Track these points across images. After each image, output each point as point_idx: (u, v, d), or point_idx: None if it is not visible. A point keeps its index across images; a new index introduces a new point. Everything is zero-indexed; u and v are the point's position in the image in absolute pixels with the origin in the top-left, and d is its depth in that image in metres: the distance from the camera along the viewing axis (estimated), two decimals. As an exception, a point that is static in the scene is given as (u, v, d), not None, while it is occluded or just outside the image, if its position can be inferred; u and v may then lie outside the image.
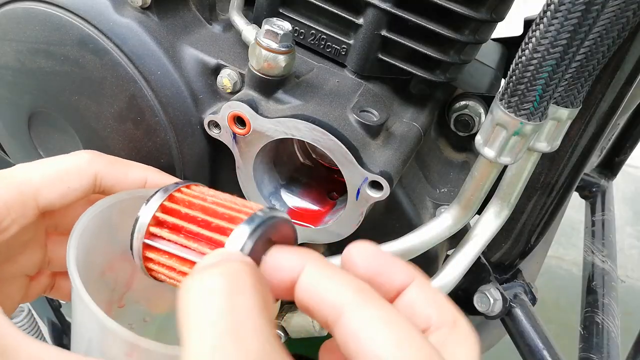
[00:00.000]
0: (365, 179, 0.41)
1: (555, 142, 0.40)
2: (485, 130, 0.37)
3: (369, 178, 0.40)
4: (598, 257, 0.79)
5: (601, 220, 0.90)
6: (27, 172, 0.36)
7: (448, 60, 0.46)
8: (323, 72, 0.48)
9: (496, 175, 0.40)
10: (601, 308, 0.69)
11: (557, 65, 0.31)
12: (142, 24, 0.45)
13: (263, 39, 0.41)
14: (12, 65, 0.49)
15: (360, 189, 0.41)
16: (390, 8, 0.44)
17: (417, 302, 0.26)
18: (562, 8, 0.29)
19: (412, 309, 0.26)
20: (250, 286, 0.23)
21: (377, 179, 0.40)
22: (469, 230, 0.46)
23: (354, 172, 0.41)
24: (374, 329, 0.23)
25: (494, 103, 0.36)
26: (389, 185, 0.40)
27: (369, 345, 0.23)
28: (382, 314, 0.23)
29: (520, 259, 0.58)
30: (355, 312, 0.24)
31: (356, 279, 0.25)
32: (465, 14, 0.43)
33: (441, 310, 0.26)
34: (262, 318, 0.22)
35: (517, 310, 0.58)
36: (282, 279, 0.26)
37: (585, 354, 0.62)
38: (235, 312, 0.22)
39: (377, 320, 0.23)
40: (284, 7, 0.48)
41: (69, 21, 0.45)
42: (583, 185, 0.98)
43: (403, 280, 0.27)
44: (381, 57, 0.47)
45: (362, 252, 0.28)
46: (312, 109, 0.43)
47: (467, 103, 0.54)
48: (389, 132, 0.46)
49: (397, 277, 0.27)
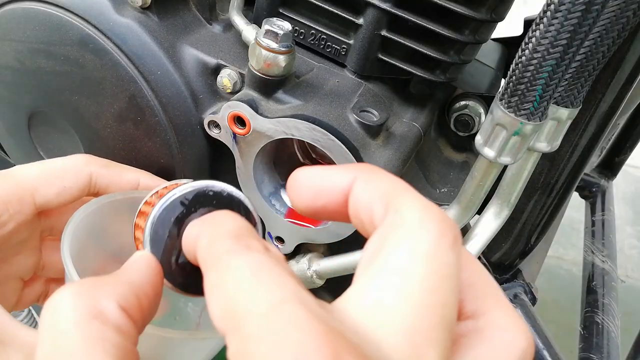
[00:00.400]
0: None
1: (555, 142, 0.40)
2: (485, 130, 0.37)
3: None
4: (598, 257, 0.79)
5: (601, 220, 0.90)
6: (24, 170, 0.38)
7: (448, 60, 0.46)
8: (323, 72, 0.48)
9: (496, 175, 0.40)
10: (601, 308, 0.69)
11: (557, 65, 0.31)
12: (142, 24, 0.45)
13: (263, 39, 0.41)
14: (12, 65, 0.49)
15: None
16: (390, 8, 0.44)
17: (360, 200, 0.24)
18: (562, 8, 0.29)
19: (355, 209, 0.24)
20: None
21: None
22: (469, 230, 0.46)
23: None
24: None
25: (494, 103, 0.36)
26: None
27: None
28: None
29: (520, 259, 0.58)
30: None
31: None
32: (465, 14, 0.43)
33: (384, 201, 0.23)
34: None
35: (517, 310, 0.58)
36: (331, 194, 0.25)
37: (585, 354, 0.62)
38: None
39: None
40: (284, 7, 0.48)
41: (69, 21, 0.45)
42: (583, 185, 0.98)
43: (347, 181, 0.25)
44: (381, 57, 0.47)
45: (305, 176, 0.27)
46: (312, 109, 0.43)
47: (467, 103, 0.54)
48: (389, 132, 0.46)
49: (339, 180, 0.25)
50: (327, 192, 0.25)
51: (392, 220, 0.22)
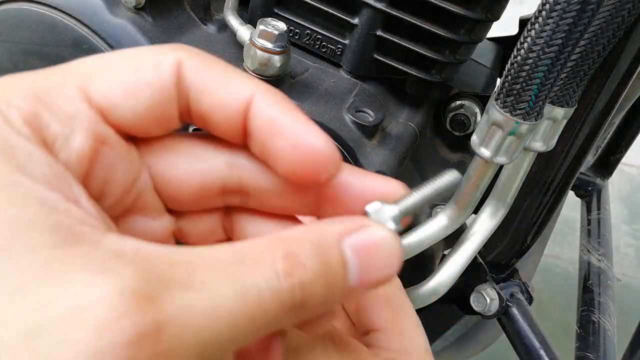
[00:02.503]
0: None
1: (551, 141, 0.40)
2: (481, 130, 0.37)
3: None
4: (594, 255, 0.79)
5: (597, 219, 0.90)
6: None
7: (443, 59, 0.46)
8: (318, 72, 0.48)
9: (492, 175, 0.40)
10: (597, 307, 0.69)
11: (553, 64, 0.31)
12: (136, 25, 0.44)
13: (258, 39, 0.41)
14: (5, 67, 0.49)
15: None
16: (385, 8, 0.44)
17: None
18: (558, 8, 0.29)
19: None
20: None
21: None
22: (465, 230, 0.46)
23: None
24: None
25: (489, 103, 0.36)
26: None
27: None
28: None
29: (516, 258, 0.58)
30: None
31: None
32: (461, 13, 0.43)
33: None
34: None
35: (514, 309, 0.58)
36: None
37: (582, 353, 0.62)
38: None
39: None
40: (278, 7, 0.48)
41: (62, 22, 0.45)
42: (579, 184, 0.98)
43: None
44: (376, 57, 0.47)
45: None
46: (307, 110, 0.43)
47: (463, 103, 0.54)
48: (384, 132, 0.46)
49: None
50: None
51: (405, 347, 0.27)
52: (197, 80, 0.22)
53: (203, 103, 0.23)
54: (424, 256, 0.49)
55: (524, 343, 0.57)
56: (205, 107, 0.23)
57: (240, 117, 0.23)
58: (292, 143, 0.22)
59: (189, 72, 0.22)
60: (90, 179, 0.21)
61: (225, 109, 0.23)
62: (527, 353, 0.57)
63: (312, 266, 0.20)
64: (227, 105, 0.23)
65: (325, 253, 0.21)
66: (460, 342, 0.73)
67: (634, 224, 1.78)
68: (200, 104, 0.23)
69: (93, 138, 0.21)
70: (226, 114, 0.23)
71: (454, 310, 0.62)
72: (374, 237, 0.22)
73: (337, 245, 0.21)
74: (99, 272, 0.16)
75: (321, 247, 0.21)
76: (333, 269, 0.21)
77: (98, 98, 0.21)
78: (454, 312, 0.67)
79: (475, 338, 0.73)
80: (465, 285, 0.58)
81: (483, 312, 0.58)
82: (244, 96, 0.22)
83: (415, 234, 0.45)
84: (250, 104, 0.23)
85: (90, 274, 0.16)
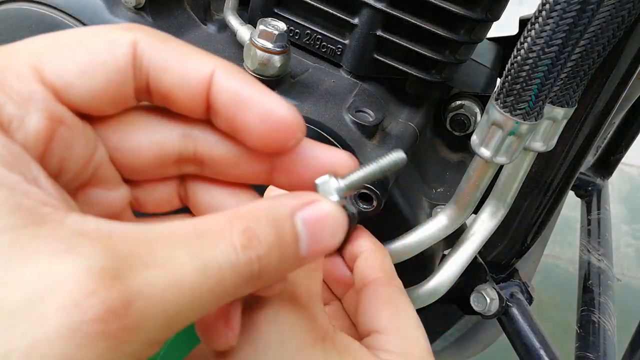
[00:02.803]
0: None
1: (550, 141, 0.40)
2: (481, 130, 0.37)
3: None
4: (594, 255, 0.79)
5: (597, 219, 0.90)
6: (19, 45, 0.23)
7: (443, 60, 0.46)
8: (318, 72, 0.48)
9: (492, 175, 0.40)
10: (597, 307, 0.69)
11: (553, 65, 0.31)
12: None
13: (258, 39, 0.41)
14: (6, 67, 0.49)
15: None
16: (385, 8, 0.44)
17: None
18: (558, 8, 0.29)
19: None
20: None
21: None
22: (465, 229, 0.46)
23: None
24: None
25: (489, 103, 0.36)
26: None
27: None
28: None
29: (516, 258, 0.58)
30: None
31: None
32: (461, 13, 0.43)
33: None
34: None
35: (514, 309, 0.58)
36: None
37: (582, 353, 0.62)
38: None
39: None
40: (278, 7, 0.48)
41: (62, 22, 0.44)
42: (579, 184, 0.98)
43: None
44: (376, 57, 0.47)
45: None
46: (307, 110, 0.43)
47: (463, 103, 0.54)
48: (384, 132, 0.46)
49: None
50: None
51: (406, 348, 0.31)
52: (155, 59, 0.23)
53: (163, 82, 0.23)
54: (424, 256, 0.49)
55: (524, 343, 0.57)
56: (166, 85, 0.23)
57: (202, 93, 0.23)
58: (261, 115, 0.23)
59: (146, 52, 0.22)
60: (47, 158, 0.21)
61: (187, 86, 0.23)
62: (527, 353, 0.57)
63: (267, 240, 0.21)
64: (188, 83, 0.23)
65: (279, 226, 0.22)
66: (460, 342, 0.73)
67: (634, 224, 1.78)
68: (160, 82, 0.23)
69: (49, 118, 0.21)
70: (187, 91, 0.23)
71: (454, 310, 0.62)
72: (322, 210, 0.23)
73: (290, 219, 0.22)
74: (65, 252, 0.17)
75: (276, 221, 0.22)
76: (286, 242, 0.22)
77: (51, 78, 0.21)
78: (454, 312, 0.67)
79: (475, 338, 0.73)
80: (465, 285, 0.58)
81: (483, 312, 0.58)
82: (204, 72, 0.23)
83: (415, 234, 0.45)
84: (212, 80, 0.23)
85: (56, 254, 0.17)
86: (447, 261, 0.47)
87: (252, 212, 0.22)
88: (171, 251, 0.19)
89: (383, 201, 0.39)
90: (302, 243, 0.23)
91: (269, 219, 0.22)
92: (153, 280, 0.18)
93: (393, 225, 0.48)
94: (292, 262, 0.23)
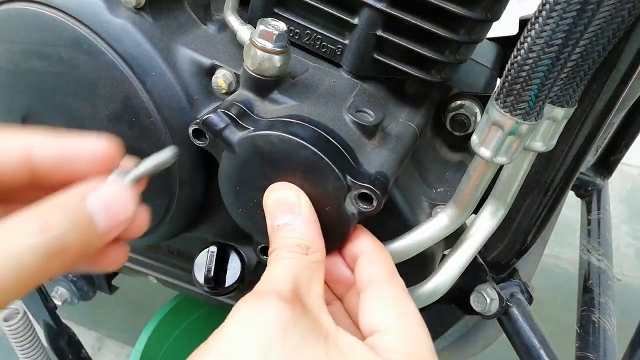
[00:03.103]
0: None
1: (551, 141, 0.40)
2: (481, 130, 0.37)
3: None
4: (594, 255, 0.79)
5: (597, 219, 0.90)
6: None
7: (443, 60, 0.46)
8: (318, 72, 0.48)
9: (492, 175, 0.40)
10: (597, 307, 0.69)
11: (553, 64, 0.31)
12: (136, 25, 0.44)
13: (258, 39, 0.41)
14: (5, 67, 0.49)
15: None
16: (385, 8, 0.44)
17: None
18: (558, 8, 0.29)
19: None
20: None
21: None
22: (465, 229, 0.46)
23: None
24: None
25: (489, 103, 0.35)
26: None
27: None
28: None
29: (516, 258, 0.58)
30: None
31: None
32: (461, 13, 0.43)
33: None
34: None
35: (514, 309, 0.58)
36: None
37: (582, 353, 0.62)
38: None
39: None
40: (278, 7, 0.48)
41: (62, 22, 0.45)
42: (579, 184, 0.98)
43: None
44: (376, 57, 0.47)
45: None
46: (307, 110, 0.43)
47: (463, 103, 0.54)
48: (384, 132, 0.46)
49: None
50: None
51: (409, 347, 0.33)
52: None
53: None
54: (424, 256, 0.49)
55: (524, 343, 0.57)
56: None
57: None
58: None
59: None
60: None
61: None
62: (527, 353, 0.57)
63: (62, 221, 0.26)
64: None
65: (72, 210, 0.27)
66: (460, 342, 0.73)
67: (634, 224, 1.77)
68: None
69: None
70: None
71: (454, 310, 0.62)
72: (109, 190, 0.29)
73: (82, 202, 0.28)
74: None
75: (67, 207, 0.27)
76: (81, 221, 0.27)
77: None
78: (454, 312, 0.67)
79: (475, 338, 0.73)
80: (465, 285, 0.59)
81: (483, 312, 0.58)
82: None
83: (415, 234, 0.45)
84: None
85: None
86: (447, 261, 0.47)
87: (45, 206, 0.27)
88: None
89: (383, 201, 0.38)
90: (98, 220, 0.28)
91: (60, 208, 0.27)
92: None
93: (393, 225, 0.48)
94: (94, 238, 0.28)
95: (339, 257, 0.42)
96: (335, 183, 0.38)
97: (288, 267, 0.34)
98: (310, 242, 0.36)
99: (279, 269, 0.34)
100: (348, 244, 0.41)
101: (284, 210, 0.38)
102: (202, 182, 0.50)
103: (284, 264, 0.35)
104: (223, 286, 0.55)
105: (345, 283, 0.41)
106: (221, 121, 0.40)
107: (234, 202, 0.44)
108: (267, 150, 0.39)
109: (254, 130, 0.40)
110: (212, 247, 0.56)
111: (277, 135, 0.39)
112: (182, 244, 0.67)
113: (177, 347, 0.95)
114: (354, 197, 0.39)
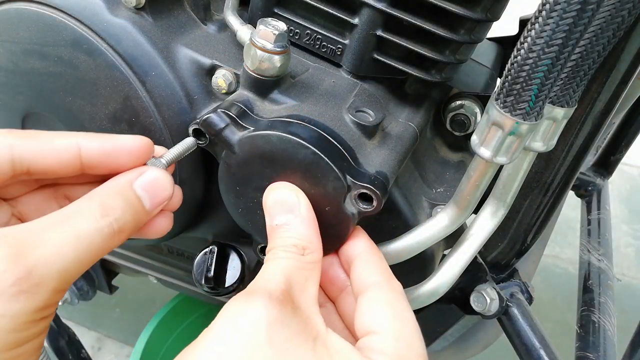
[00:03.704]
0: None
1: (551, 141, 0.40)
2: (481, 130, 0.37)
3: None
4: (594, 255, 0.79)
5: (597, 218, 0.90)
6: None
7: (443, 60, 0.46)
8: (318, 72, 0.48)
9: (492, 175, 0.40)
10: (597, 307, 0.69)
11: (553, 64, 0.31)
12: (136, 25, 0.44)
13: (258, 39, 0.41)
14: (5, 67, 0.49)
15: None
16: (385, 8, 0.44)
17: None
18: (558, 8, 0.29)
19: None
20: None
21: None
22: (465, 229, 0.46)
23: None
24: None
25: (489, 103, 0.35)
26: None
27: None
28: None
29: (516, 258, 0.58)
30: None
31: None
32: (461, 13, 0.43)
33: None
34: None
35: (514, 309, 0.58)
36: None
37: (582, 353, 0.62)
38: None
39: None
40: (278, 7, 0.48)
41: (62, 22, 0.45)
42: (579, 184, 0.98)
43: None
44: (377, 57, 0.47)
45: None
46: (307, 110, 0.43)
47: (463, 103, 0.54)
48: (384, 132, 0.46)
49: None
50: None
51: (400, 350, 0.33)
52: (28, 153, 0.34)
53: (39, 166, 0.35)
54: (424, 256, 0.49)
55: (524, 343, 0.57)
56: (43, 168, 0.35)
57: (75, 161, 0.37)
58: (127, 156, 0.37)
59: (22, 152, 0.34)
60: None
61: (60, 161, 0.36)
62: (527, 353, 0.57)
63: (119, 205, 0.33)
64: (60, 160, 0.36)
65: (124, 194, 0.34)
66: (460, 342, 0.73)
67: (634, 224, 1.77)
68: (37, 167, 0.34)
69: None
70: (63, 164, 0.36)
71: (454, 310, 0.62)
72: (150, 175, 0.36)
73: (130, 187, 0.35)
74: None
75: (121, 191, 0.34)
76: (133, 203, 0.34)
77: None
78: (454, 312, 0.67)
79: (475, 338, 0.73)
80: (465, 285, 0.59)
81: (483, 312, 0.58)
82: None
83: (415, 234, 0.45)
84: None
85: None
86: (447, 261, 0.47)
87: (102, 190, 0.34)
88: (51, 233, 0.30)
89: (383, 201, 0.38)
90: (145, 201, 0.35)
91: (115, 191, 0.34)
92: (42, 254, 0.29)
93: (393, 225, 0.48)
94: (143, 215, 0.35)
95: (336, 258, 0.42)
96: (335, 183, 0.38)
97: (282, 266, 0.34)
98: (307, 242, 0.36)
99: (273, 268, 0.34)
100: (344, 243, 0.41)
101: (283, 210, 0.38)
102: (202, 182, 0.50)
103: (279, 263, 0.35)
104: (223, 286, 0.55)
105: (339, 285, 0.41)
106: (221, 121, 0.40)
107: (234, 202, 0.44)
108: (267, 150, 0.39)
109: (254, 130, 0.40)
110: (212, 247, 0.56)
111: (277, 135, 0.39)
112: (182, 244, 0.67)
113: (177, 347, 0.95)
114: (353, 197, 0.39)
